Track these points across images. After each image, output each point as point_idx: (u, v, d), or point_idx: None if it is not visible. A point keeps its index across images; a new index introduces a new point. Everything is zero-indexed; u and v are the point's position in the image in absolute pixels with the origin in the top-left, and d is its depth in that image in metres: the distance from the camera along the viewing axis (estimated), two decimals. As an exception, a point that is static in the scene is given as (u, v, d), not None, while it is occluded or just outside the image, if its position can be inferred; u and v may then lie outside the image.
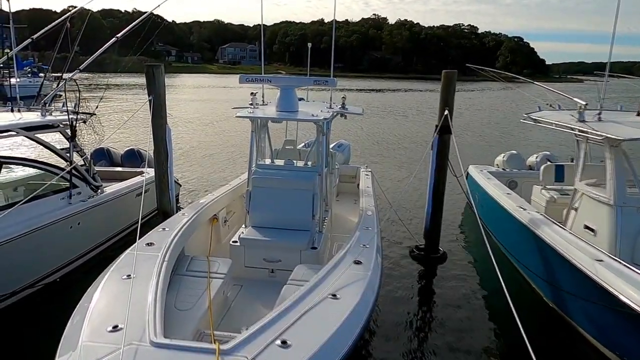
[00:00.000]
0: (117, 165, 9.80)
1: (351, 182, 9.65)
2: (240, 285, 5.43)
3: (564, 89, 8.88)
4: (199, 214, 5.85)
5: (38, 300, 5.73)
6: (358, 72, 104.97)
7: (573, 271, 4.97)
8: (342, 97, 7.04)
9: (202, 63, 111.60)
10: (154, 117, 6.64)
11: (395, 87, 65.53)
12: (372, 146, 18.84)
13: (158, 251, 4.45)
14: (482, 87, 65.44)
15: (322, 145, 6.20)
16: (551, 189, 7.75)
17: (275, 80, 6.08)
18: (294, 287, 4.34)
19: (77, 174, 6.59)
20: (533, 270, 6.29)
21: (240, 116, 5.78)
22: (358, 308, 3.57)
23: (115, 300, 3.46)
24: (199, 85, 59.02)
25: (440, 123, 6.78)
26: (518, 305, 3.50)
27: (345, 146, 10.80)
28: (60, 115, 6.62)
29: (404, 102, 42.29)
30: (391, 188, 12.05)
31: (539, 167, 9.66)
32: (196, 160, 14.99)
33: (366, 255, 4.55)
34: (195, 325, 3.94)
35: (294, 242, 5.48)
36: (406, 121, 28.23)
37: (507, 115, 31.38)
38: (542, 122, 6.78)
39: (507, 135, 22.70)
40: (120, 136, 15.49)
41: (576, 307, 5.25)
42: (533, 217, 6.28)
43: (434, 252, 7.51)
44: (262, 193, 5.92)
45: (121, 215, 7.54)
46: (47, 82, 9.99)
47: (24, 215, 5.47)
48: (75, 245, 6.50)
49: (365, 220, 5.82)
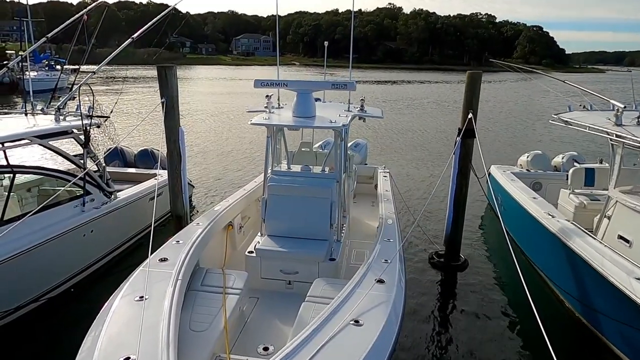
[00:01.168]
0: (131, 165, 9.73)
1: (368, 182, 9.40)
2: (257, 298, 5.26)
3: (584, 80, 8.45)
4: (213, 223, 5.69)
5: (51, 310, 5.68)
6: (372, 63, 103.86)
7: (607, 287, 4.67)
8: (361, 99, 6.76)
9: (216, 54, 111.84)
10: (167, 120, 6.49)
11: (411, 79, 64.50)
12: (389, 143, 18.46)
13: (172, 268, 4.30)
14: (500, 78, 63.93)
15: (340, 151, 5.95)
16: (580, 194, 7.38)
17: (292, 85, 5.83)
18: (313, 305, 4.21)
19: (91, 180, 6.49)
20: (562, 284, 5.98)
21: (255, 123, 5.55)
22: (382, 336, 3.36)
23: (127, 327, 3.31)
24: (213, 77, 59.03)
25: (464, 127, 6.45)
26: (546, 321, 3.25)
27: (362, 146, 10.53)
28: (74, 120, 6.50)
29: (420, 95, 41.58)
30: (410, 189, 11.78)
31: (565, 168, 9.27)
32: (211, 159, 14.87)
33: (389, 273, 4.33)
34: (211, 349, 3.78)
35: (312, 254, 5.28)
36: (424, 115, 27.68)
37: (528, 109, 30.54)
38: (574, 124, 6.39)
39: (529, 131, 21.98)
40: (134, 135, 15.42)
41: (610, 326, 4.95)
42: (563, 226, 5.95)
43: (455, 259, 7.23)
44: (278, 201, 5.72)
45: (135, 220, 7.44)
46: (64, 76, 9.99)
47: (36, 226, 5.38)
48: (88, 252, 6.42)
49: (386, 231, 5.58)
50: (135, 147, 10.61)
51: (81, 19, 7.30)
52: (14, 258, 5.04)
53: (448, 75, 71.56)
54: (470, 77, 6.47)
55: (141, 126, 12.00)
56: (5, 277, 4.97)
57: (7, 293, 5.07)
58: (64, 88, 7.04)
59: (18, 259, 5.08)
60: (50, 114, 6.80)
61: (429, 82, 57.87)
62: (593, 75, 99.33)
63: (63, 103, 6.69)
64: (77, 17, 7.34)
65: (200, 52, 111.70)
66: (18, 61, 8.36)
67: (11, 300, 5.14)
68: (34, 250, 5.27)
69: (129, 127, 9.45)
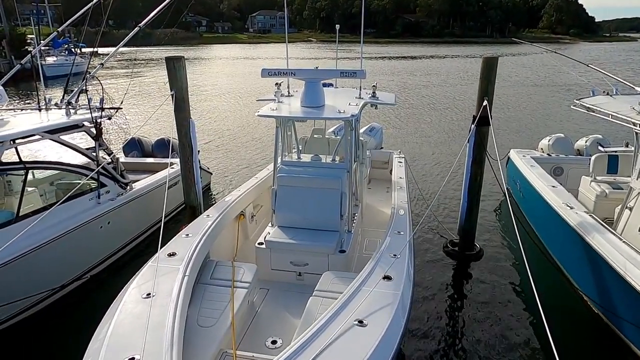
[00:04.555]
0: (149, 155, 9.84)
1: (384, 167, 9.27)
2: (267, 290, 5.32)
3: (614, 50, 7.96)
4: (224, 214, 5.73)
5: (68, 303, 5.84)
6: (390, 38, 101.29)
7: (624, 286, 4.52)
8: (373, 86, 6.59)
9: (232, 32, 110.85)
10: (177, 112, 6.48)
11: (432, 53, 62.58)
12: (406, 124, 18.09)
13: (180, 263, 4.35)
14: (524, 50, 61.52)
15: (351, 140, 5.85)
16: (602, 182, 7.09)
17: (300, 73, 5.70)
18: (320, 300, 4.23)
19: (105, 172, 6.57)
20: (579, 279, 5.83)
21: (262, 115, 5.48)
22: (386, 337, 3.35)
23: (133, 326, 3.38)
24: (231, 57, 58.67)
25: (478, 114, 6.24)
26: (563, 315, 3.14)
27: (377, 130, 10.35)
28: (85, 113, 6.55)
29: (441, 70, 40.40)
30: (426, 174, 11.58)
31: (588, 152, 8.92)
32: (230, 144, 14.88)
33: (397, 269, 4.29)
34: (218, 345, 3.85)
35: (321, 246, 5.27)
36: (444, 93, 26.92)
37: (553, 84, 29.34)
38: (597, 111, 6.09)
39: (553, 111, 21.05)
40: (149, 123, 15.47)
41: (628, 324, 4.81)
42: (582, 219, 5.76)
43: (469, 249, 7.12)
44: (288, 192, 5.70)
45: (151, 211, 7.55)
46: (83, 60, 9.98)
47: (52, 220, 5.49)
48: (105, 244, 6.56)
49: (397, 222, 5.50)
50: (152, 136, 10.69)
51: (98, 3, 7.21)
52: (28, 254, 5.14)
53: (470, 49, 69.10)
54: (485, 63, 6.20)
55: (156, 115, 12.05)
56: (19, 273, 5.09)
57: (23, 288, 5.20)
58: (82, 73, 7.04)
59: (32, 254, 5.18)
60: (63, 107, 6.86)
61: (451, 57, 56.10)
62: (624, 44, 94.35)
63: (74, 96, 6.74)
64: (94, 4, 7.24)
65: (216, 31, 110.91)
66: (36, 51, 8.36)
67: (28, 293, 5.28)
68: (48, 245, 5.38)
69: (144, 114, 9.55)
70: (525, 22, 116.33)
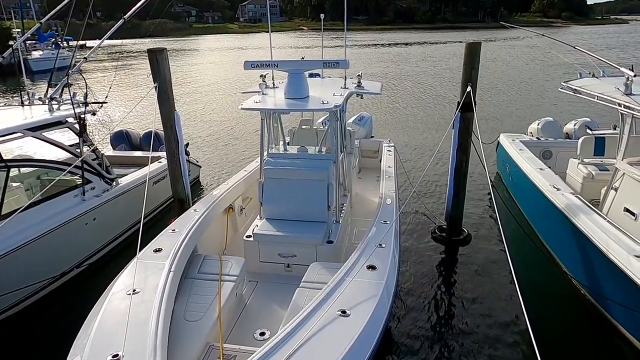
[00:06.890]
0: (137, 148, 9.73)
1: (374, 157, 9.26)
2: (256, 282, 5.33)
3: (604, 32, 7.94)
4: (212, 208, 5.71)
5: (51, 302, 5.78)
6: (383, 24, 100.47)
7: (610, 266, 4.57)
8: (358, 75, 6.54)
9: (222, 22, 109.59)
10: (161, 105, 6.41)
11: (423, 40, 62.14)
12: (397, 112, 18.01)
13: (165, 259, 4.34)
14: (516, 34, 61.27)
15: (336, 131, 5.82)
16: (589, 164, 7.13)
17: (283, 65, 5.65)
18: (307, 290, 4.25)
19: (90, 168, 6.51)
20: (567, 260, 5.88)
21: (245, 108, 5.43)
22: (368, 327, 3.38)
23: (117, 323, 3.38)
24: (221, 48, 57.99)
25: (462, 100, 6.21)
26: (552, 297, 3.16)
27: (366, 119, 10.31)
28: (68, 109, 6.45)
29: (433, 55, 40.19)
30: (416, 161, 11.57)
31: (577, 135, 8.95)
32: (218, 138, 14.71)
33: (381, 258, 4.31)
34: (205, 338, 3.86)
35: (309, 237, 5.28)
36: (435, 79, 26.85)
37: (545, 68, 29.33)
38: (583, 93, 6.09)
39: (544, 94, 21.08)
40: (135, 116, 15.26)
41: (615, 305, 4.86)
42: (568, 200, 5.79)
43: (457, 234, 7.16)
44: (275, 184, 5.69)
45: (138, 205, 7.47)
46: (69, 53, 9.79)
47: (36, 218, 5.45)
48: (91, 241, 6.51)
49: (384, 212, 5.51)
50: (140, 129, 10.57)
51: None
52: (10, 253, 5.07)
53: (462, 34, 68.78)
54: (469, 49, 6.16)
55: (144, 107, 11.97)
56: (4, 271, 5.03)
57: (7, 287, 5.13)
58: (69, 67, 6.91)
59: (14, 254, 5.09)
60: (46, 103, 6.76)
61: (442, 43, 55.79)
62: (615, 27, 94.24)
63: (57, 91, 6.63)
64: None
65: (206, 21, 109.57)
66: (17, 45, 8.16)
67: (13, 293, 5.22)
68: (31, 244, 5.30)
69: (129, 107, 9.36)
70: (518, 6, 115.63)
